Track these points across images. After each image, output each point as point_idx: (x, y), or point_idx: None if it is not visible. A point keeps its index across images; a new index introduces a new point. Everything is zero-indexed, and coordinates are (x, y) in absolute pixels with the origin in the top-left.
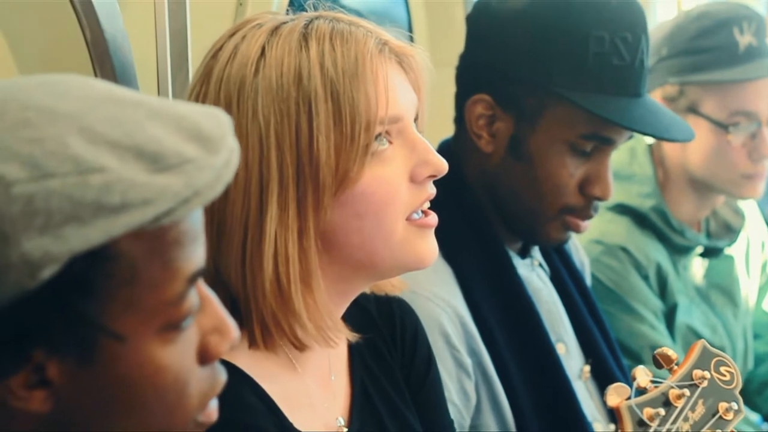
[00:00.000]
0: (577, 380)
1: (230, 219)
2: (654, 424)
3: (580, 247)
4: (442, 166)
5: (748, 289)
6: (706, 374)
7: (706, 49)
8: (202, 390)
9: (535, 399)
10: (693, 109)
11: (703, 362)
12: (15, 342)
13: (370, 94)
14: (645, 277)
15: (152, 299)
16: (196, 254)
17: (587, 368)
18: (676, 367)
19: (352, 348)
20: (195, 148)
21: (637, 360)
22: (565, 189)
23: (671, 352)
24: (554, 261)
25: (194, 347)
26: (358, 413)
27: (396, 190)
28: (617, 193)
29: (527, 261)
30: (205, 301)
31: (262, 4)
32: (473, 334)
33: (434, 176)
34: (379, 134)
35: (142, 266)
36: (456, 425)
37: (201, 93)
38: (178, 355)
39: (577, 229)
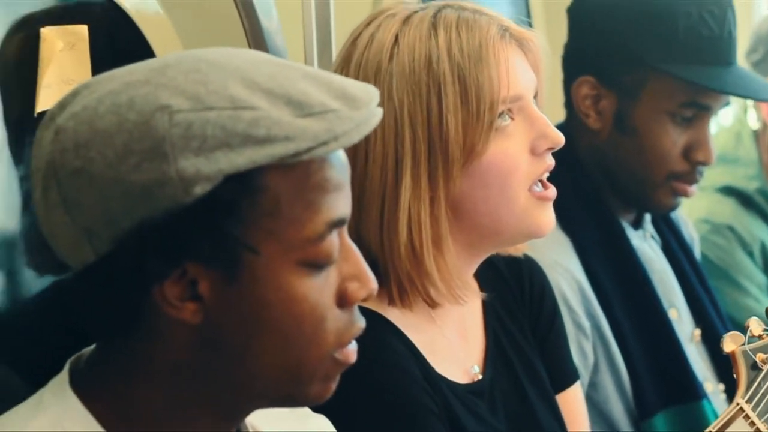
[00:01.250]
0: (688, 343)
1: (369, 191)
2: (765, 367)
3: (690, 222)
4: (560, 138)
5: None
6: None
7: None
8: (339, 329)
9: (649, 359)
10: None
11: None
12: (170, 250)
13: (493, 77)
14: (750, 254)
15: (292, 233)
16: (338, 203)
17: (698, 332)
18: None
19: (485, 303)
20: (339, 103)
21: (743, 331)
22: (669, 156)
23: None
24: (665, 233)
25: (334, 289)
26: (491, 362)
27: (518, 161)
28: (723, 175)
29: (639, 232)
30: (347, 251)
31: None
32: (590, 298)
33: (552, 148)
34: (502, 112)
35: (285, 201)
36: None
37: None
38: (315, 290)
39: (686, 194)
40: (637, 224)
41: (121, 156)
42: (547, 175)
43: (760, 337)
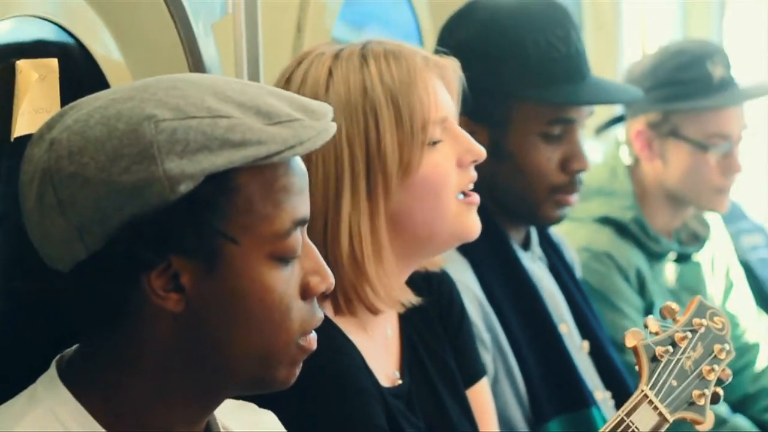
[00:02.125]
0: (579, 355)
1: (313, 206)
2: (664, 359)
3: (570, 246)
4: (482, 152)
5: (713, 291)
6: (703, 322)
7: (685, 81)
8: (303, 318)
9: (543, 370)
10: (675, 133)
11: (700, 312)
12: (157, 243)
13: (423, 100)
14: (626, 279)
15: (264, 229)
16: (300, 204)
17: (586, 344)
18: (678, 317)
19: (400, 314)
20: (302, 114)
21: (621, 349)
22: (547, 172)
23: (675, 305)
24: (550, 255)
25: (297, 282)
26: (408, 367)
27: (448, 173)
28: (601, 207)
29: (528, 254)
30: (308, 248)
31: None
32: (489, 313)
33: (476, 161)
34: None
35: (257, 200)
36: None
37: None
38: (282, 282)
39: (568, 203)
40: (526, 246)
41: (112, 160)
42: (471, 186)
43: (657, 333)
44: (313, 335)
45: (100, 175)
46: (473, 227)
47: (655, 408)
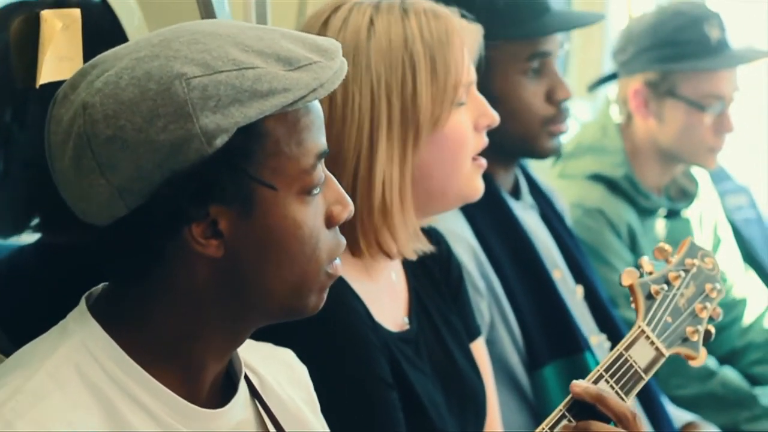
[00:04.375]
0: (573, 300)
1: (345, 149)
2: (659, 297)
3: (561, 196)
4: (496, 117)
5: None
6: (695, 262)
7: (684, 42)
8: (330, 247)
9: (538, 315)
10: (672, 92)
11: (691, 253)
12: (198, 195)
13: (457, 60)
14: (618, 235)
15: (292, 168)
16: (320, 139)
17: (580, 289)
18: (671, 258)
19: (404, 263)
20: (317, 55)
21: (613, 302)
22: (536, 107)
23: (667, 246)
24: (541, 204)
25: (322, 213)
26: (415, 314)
27: (468, 134)
28: (592, 164)
29: (520, 203)
30: (328, 179)
31: None
32: (483, 261)
33: (490, 125)
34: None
35: (283, 143)
36: None
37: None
38: (311, 215)
39: (561, 131)
40: (516, 195)
41: (148, 120)
42: (479, 151)
43: (651, 272)
44: (338, 261)
45: (138, 136)
46: (479, 189)
47: (652, 343)
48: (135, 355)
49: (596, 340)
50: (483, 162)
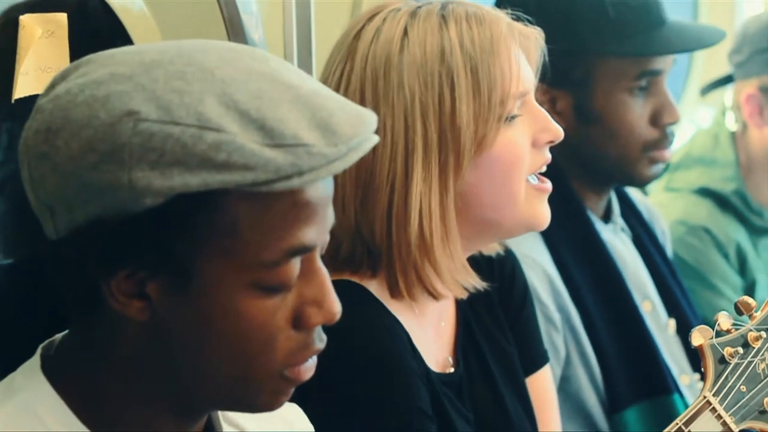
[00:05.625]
0: (664, 335)
1: (377, 181)
2: (733, 361)
3: (661, 216)
4: (560, 132)
5: None
6: None
7: None
8: (291, 349)
9: (621, 352)
10: None
11: None
12: (117, 251)
13: (505, 70)
14: (725, 256)
15: (248, 256)
16: (305, 231)
17: (672, 322)
18: (755, 314)
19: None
20: (316, 135)
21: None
22: (639, 129)
23: (751, 300)
24: (635, 227)
25: (289, 311)
26: (462, 354)
27: (522, 153)
28: (700, 177)
29: (609, 226)
30: (314, 275)
31: None
32: (561, 291)
33: (552, 141)
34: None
35: (244, 224)
36: None
37: (345, 70)
38: (266, 311)
39: (663, 159)
40: (607, 218)
41: (83, 151)
42: (544, 168)
43: (728, 331)
44: (307, 365)
45: (68, 164)
46: (544, 216)
47: (719, 417)
48: (85, 418)
49: (687, 380)
50: (547, 185)
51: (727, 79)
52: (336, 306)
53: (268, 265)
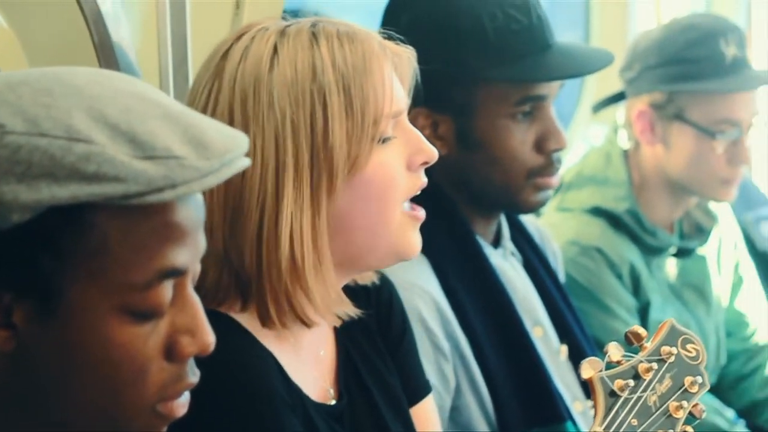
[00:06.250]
0: (557, 361)
1: (247, 202)
2: (624, 394)
3: (552, 238)
4: (434, 153)
5: (720, 288)
6: (674, 350)
7: (694, 60)
8: (164, 382)
9: (512, 380)
10: (680, 116)
11: (670, 339)
12: None
13: (377, 90)
14: (619, 276)
15: (117, 276)
16: (178, 251)
17: (564, 348)
18: (646, 344)
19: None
20: (187, 150)
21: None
22: (523, 156)
23: (641, 330)
24: (525, 250)
25: (161, 340)
26: (345, 384)
27: (397, 175)
28: (592, 196)
29: (499, 251)
30: (186, 302)
31: (257, 10)
32: (450, 319)
33: (427, 163)
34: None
35: (114, 242)
36: (436, 407)
37: (213, 90)
38: (137, 339)
39: (549, 186)
40: (497, 242)
41: None
42: (417, 193)
43: (619, 362)
44: (182, 399)
45: None
46: (415, 245)
47: None
48: None
49: (580, 407)
50: (420, 213)
51: (618, 96)
52: (210, 336)
53: (138, 287)
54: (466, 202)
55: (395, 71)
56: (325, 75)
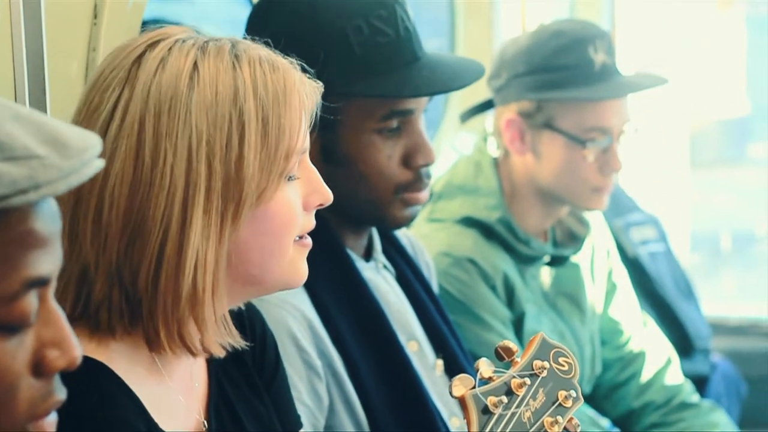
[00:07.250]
0: (433, 376)
1: (150, 221)
2: (497, 411)
3: (424, 249)
4: (330, 195)
5: (594, 296)
6: (546, 364)
7: (563, 67)
8: (34, 399)
9: (387, 397)
10: (549, 125)
11: (542, 353)
12: None
13: (293, 124)
14: (492, 287)
15: None
16: (41, 260)
17: (440, 363)
18: (517, 359)
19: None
20: (47, 149)
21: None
22: (390, 172)
23: (512, 345)
24: (399, 263)
25: (29, 355)
26: (216, 413)
27: (297, 213)
28: (463, 206)
29: (371, 264)
30: (50, 314)
31: (115, 21)
32: (322, 336)
33: (322, 205)
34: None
35: None
36: (310, 426)
37: (123, 97)
38: (5, 355)
39: (418, 202)
40: (368, 256)
41: None
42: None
43: (490, 379)
44: (51, 418)
45: None
46: (303, 274)
47: None
48: None
49: (458, 422)
50: (307, 241)
51: (487, 105)
52: (77, 349)
53: (4, 299)
54: (335, 216)
55: (306, 106)
56: (246, 101)
